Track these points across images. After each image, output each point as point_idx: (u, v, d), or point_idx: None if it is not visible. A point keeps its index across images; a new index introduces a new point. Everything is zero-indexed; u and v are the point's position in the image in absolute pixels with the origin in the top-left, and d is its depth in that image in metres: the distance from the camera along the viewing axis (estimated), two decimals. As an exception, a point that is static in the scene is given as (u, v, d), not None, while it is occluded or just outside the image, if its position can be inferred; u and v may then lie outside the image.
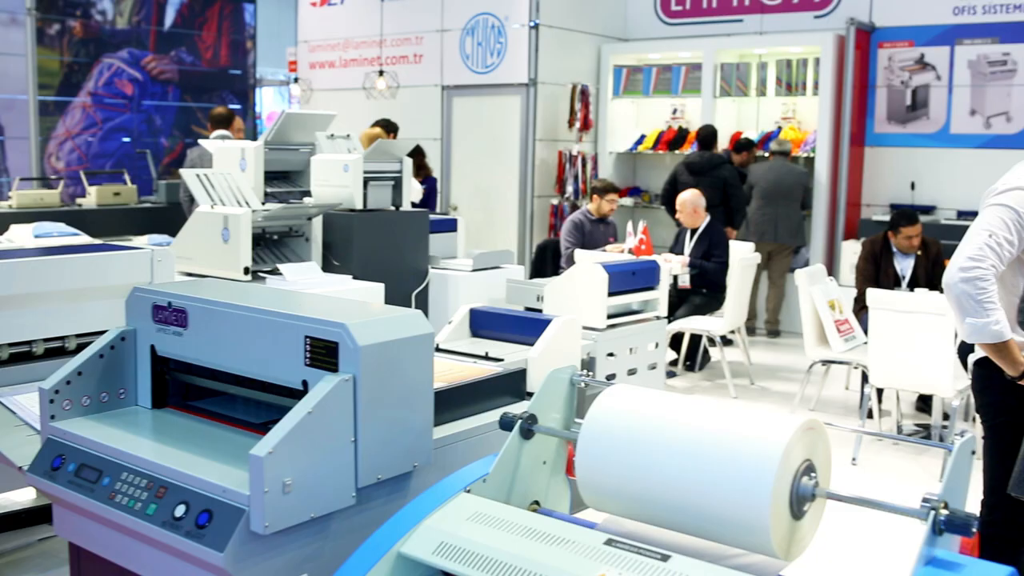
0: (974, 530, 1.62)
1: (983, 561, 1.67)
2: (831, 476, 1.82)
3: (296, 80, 12.05)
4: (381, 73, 10.89)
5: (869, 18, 9.43)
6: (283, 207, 5.40)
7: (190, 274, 4.93)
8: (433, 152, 9.63)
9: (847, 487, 1.80)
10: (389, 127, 8.59)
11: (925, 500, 1.65)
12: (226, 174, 5.25)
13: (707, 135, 9.02)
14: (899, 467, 5.66)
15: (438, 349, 3.91)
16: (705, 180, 8.57)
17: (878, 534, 4.01)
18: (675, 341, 7.81)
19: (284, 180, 6.01)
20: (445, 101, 10.58)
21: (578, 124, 10.17)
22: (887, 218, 7.13)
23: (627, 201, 10.44)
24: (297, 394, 2.17)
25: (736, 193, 8.82)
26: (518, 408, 2.20)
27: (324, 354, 2.15)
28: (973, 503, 3.26)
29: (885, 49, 9.48)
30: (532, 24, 9.86)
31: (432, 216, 6.35)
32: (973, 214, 3.06)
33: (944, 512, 1.63)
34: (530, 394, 2.85)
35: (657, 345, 5.59)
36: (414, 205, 7.15)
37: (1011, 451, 2.61)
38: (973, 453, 1.76)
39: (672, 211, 8.66)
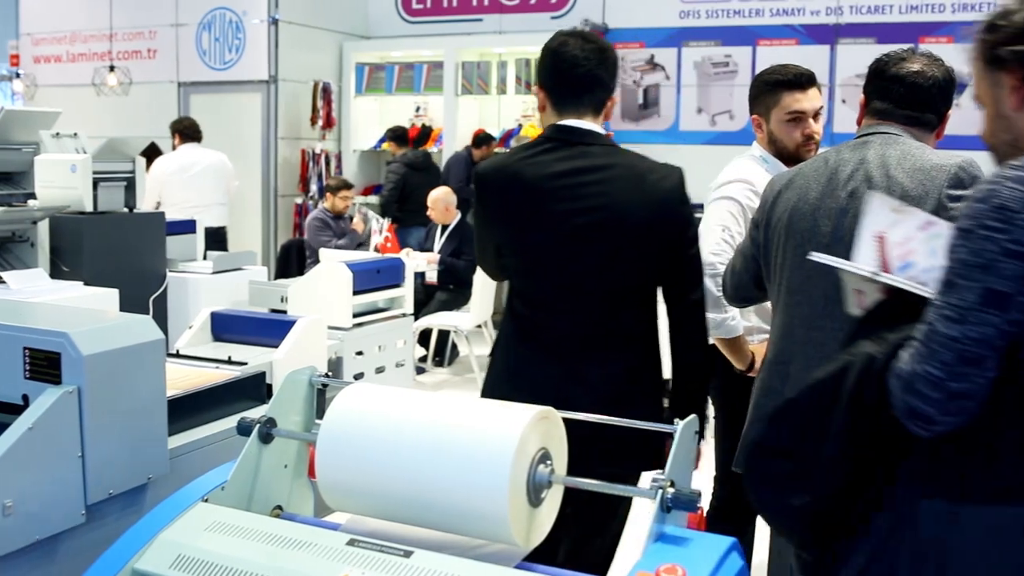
0: (699, 506, 1.71)
1: (708, 534, 1.77)
2: (567, 462, 1.87)
3: (19, 75, 11.33)
4: (112, 69, 10.40)
5: (603, 19, 9.79)
6: (4, 210, 5.07)
7: (-102, 285, 4.55)
8: (170, 151, 9.27)
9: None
10: (191, 132, 8.32)
11: (654, 480, 1.73)
12: (-62, 176, 4.88)
13: (400, 134, 9.51)
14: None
15: (178, 355, 3.79)
16: (428, 176, 8.92)
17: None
18: (424, 337, 7.86)
19: (5, 182, 5.63)
20: (182, 98, 10.21)
21: (321, 122, 10.04)
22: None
23: (372, 199, 10.41)
24: (17, 410, 2.04)
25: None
26: (259, 412, 2.15)
27: (45, 366, 2.03)
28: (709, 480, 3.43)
29: (618, 50, 9.82)
30: (271, 20, 9.67)
31: (169, 217, 6.13)
32: (702, 207, 3.24)
33: (671, 491, 1.71)
34: (274, 397, 2.80)
35: (405, 342, 5.61)
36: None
37: (738, 431, 2.78)
38: (696, 434, 1.85)
39: (395, 213, 8.77)
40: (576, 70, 2.55)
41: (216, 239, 8.06)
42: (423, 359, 7.97)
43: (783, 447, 1.82)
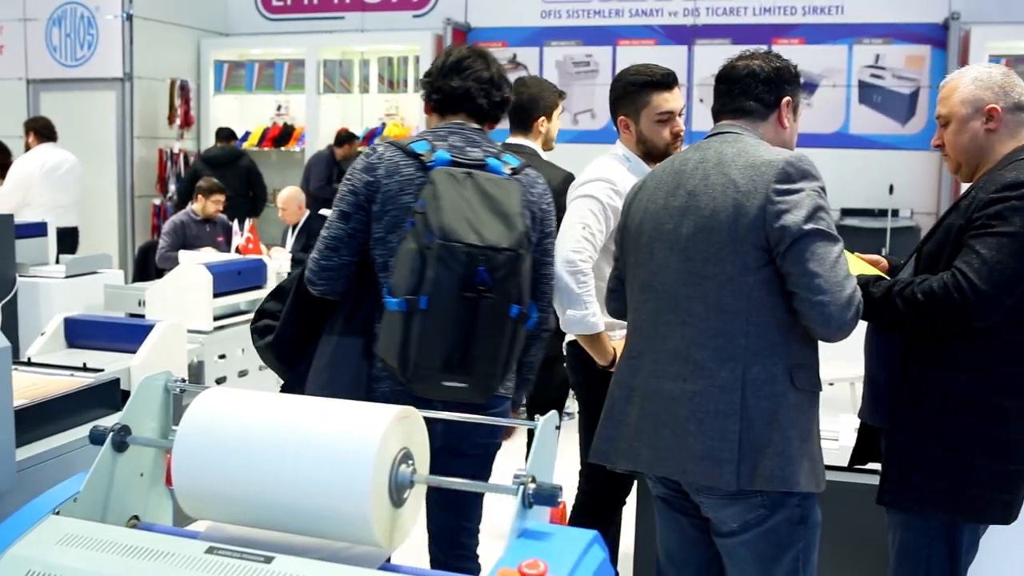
0: (560, 500, 1.73)
1: (570, 528, 1.79)
2: (429, 462, 1.87)
3: None
4: (-46, 65, 9.96)
5: (465, 19, 9.80)
6: None
7: None
8: (19, 151, 8.92)
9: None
10: (47, 131, 8.11)
11: (516, 476, 1.74)
12: None
13: (227, 133, 9.56)
14: (509, 447, 5.94)
15: (29, 363, 3.66)
16: (229, 172, 8.99)
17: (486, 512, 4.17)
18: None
19: None
20: (31, 96, 9.83)
21: (179, 121, 9.81)
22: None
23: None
24: None
25: (259, 182, 9.38)
26: (113, 420, 2.09)
27: None
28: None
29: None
30: (125, 15, 9.39)
31: (27, 219, 5.91)
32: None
33: (532, 486, 1.72)
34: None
35: (269, 344, 5.51)
36: None
37: (601, 426, 2.82)
38: (557, 428, 1.87)
39: (183, 205, 8.75)
40: None
41: (72, 240, 8.05)
42: (289, 361, 7.85)
43: (272, 312, 2.95)
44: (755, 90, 2.55)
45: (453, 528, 2.99)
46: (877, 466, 2.72)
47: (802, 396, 2.37)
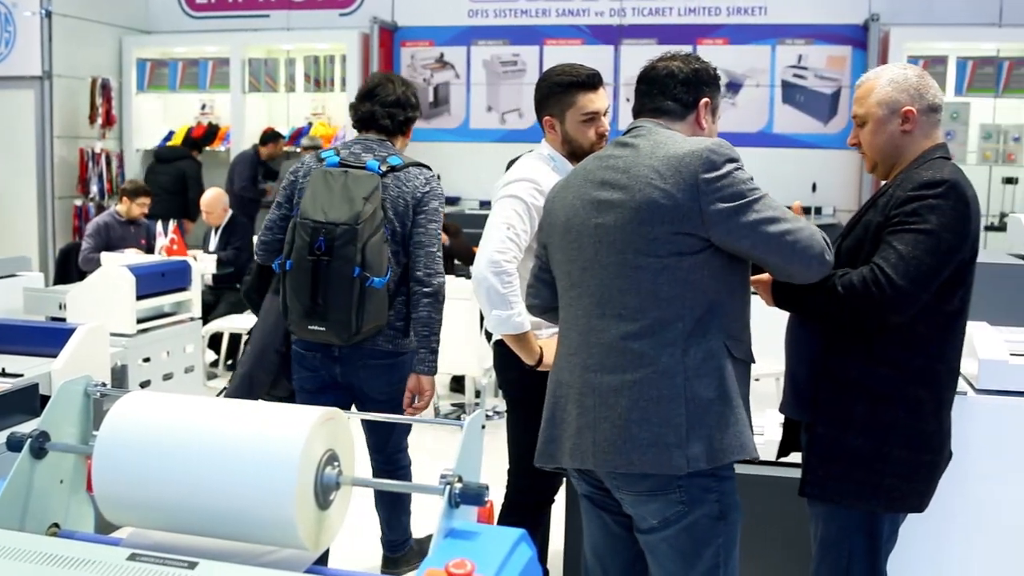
0: (487, 500, 1.73)
1: (497, 527, 1.79)
2: (355, 463, 1.86)
3: None
4: None
5: (392, 17, 9.77)
6: None
7: None
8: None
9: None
10: None
11: (442, 476, 1.73)
12: None
13: (195, 141, 9.89)
14: (440, 447, 5.94)
15: (-56, 369, 3.58)
16: (170, 169, 9.36)
17: (419, 513, 4.17)
18: (215, 341, 7.67)
19: None
20: (-54, 95, 9.61)
21: (100, 120, 9.63)
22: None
23: (157, 199, 10.08)
24: None
25: (194, 185, 9.36)
26: (31, 426, 2.04)
27: None
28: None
29: (408, 48, 9.87)
30: (44, 12, 9.20)
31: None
32: (490, 203, 3.34)
33: (459, 486, 1.72)
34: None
35: (194, 347, 5.46)
36: None
37: (531, 423, 2.78)
38: (483, 428, 1.87)
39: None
40: None
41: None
42: (214, 364, 7.76)
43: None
44: (673, 90, 2.58)
45: (382, 448, 3.84)
46: (799, 459, 2.77)
47: (740, 366, 2.43)
